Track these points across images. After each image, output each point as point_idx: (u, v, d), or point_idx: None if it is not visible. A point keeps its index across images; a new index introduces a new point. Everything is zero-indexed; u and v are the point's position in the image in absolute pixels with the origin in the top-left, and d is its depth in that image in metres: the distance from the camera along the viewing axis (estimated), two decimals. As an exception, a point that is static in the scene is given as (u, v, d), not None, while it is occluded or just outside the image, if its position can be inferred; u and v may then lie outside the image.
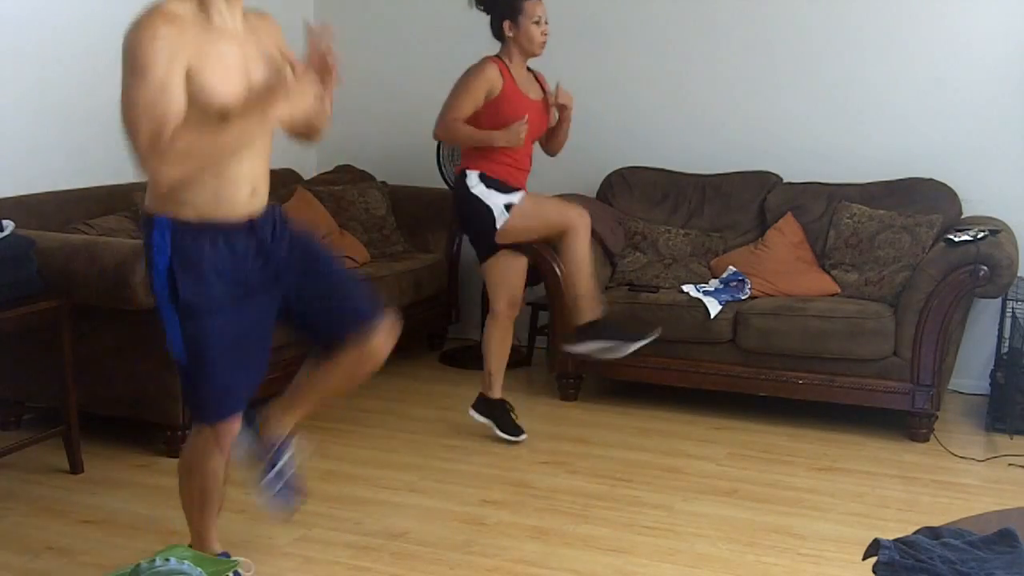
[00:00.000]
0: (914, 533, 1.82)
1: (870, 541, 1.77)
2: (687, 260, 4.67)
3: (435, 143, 5.01)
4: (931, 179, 4.56)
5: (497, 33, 3.83)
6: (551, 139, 4.02)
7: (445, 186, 5.09)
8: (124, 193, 4.24)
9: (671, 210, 4.91)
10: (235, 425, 2.60)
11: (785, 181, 4.82)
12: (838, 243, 4.49)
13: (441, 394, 4.61)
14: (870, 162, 4.73)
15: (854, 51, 4.78)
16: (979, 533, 1.81)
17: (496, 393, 4.00)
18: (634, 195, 4.96)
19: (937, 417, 4.10)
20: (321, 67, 2.38)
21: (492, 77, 3.75)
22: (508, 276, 3.90)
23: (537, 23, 3.78)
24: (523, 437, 3.99)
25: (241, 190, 2.43)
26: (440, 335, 5.41)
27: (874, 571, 1.71)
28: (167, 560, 2.66)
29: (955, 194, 4.52)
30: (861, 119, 4.80)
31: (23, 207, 3.85)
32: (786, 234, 4.59)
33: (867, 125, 4.79)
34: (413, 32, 5.52)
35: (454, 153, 5.00)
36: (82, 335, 3.57)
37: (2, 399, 3.94)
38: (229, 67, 2.33)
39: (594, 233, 4.57)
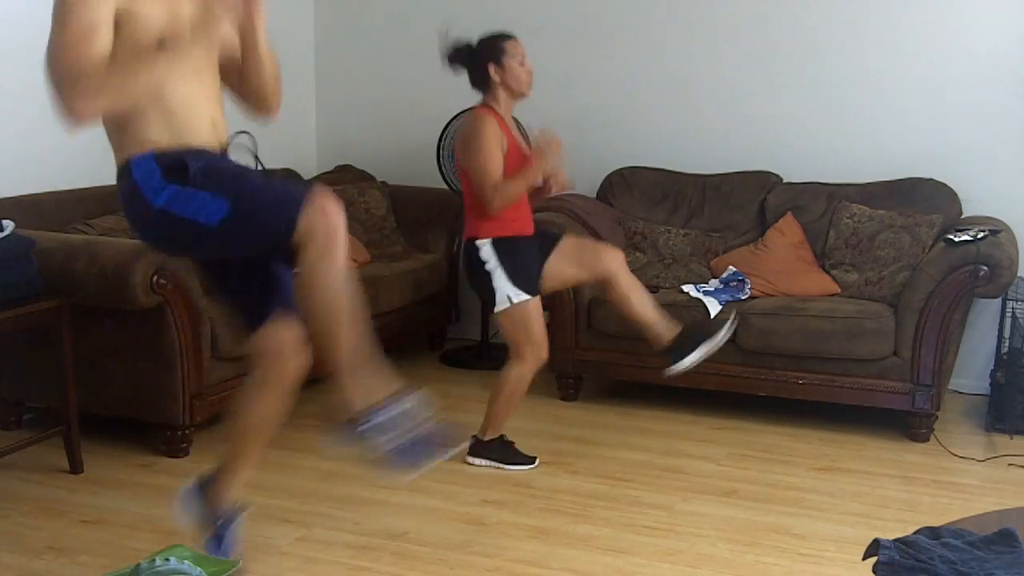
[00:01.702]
0: (914, 533, 1.82)
1: (870, 541, 1.77)
2: (687, 260, 4.67)
3: (435, 143, 5.02)
4: (931, 179, 4.56)
5: (480, 82, 3.65)
6: (535, 196, 3.79)
7: (445, 186, 5.09)
8: (124, 193, 4.23)
9: (671, 210, 4.91)
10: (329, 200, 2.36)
11: (785, 181, 4.82)
12: (838, 243, 4.49)
13: (441, 394, 4.60)
14: (870, 162, 4.73)
15: (854, 51, 4.78)
16: (979, 533, 1.81)
17: (493, 435, 3.78)
18: (634, 195, 4.96)
19: (937, 417, 4.10)
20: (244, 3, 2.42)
21: (497, 133, 3.58)
22: (526, 319, 3.64)
23: (521, 63, 3.62)
24: (537, 463, 3.81)
25: (201, 120, 2.45)
26: (440, 335, 5.42)
27: (874, 571, 1.71)
28: (167, 560, 2.67)
29: (955, 194, 4.52)
30: (861, 119, 4.80)
31: (23, 207, 3.85)
32: (786, 234, 4.59)
33: (867, 125, 4.79)
34: (413, 32, 5.52)
35: (454, 153, 4.99)
36: (82, 335, 3.57)
37: (2, 399, 3.94)
38: (163, 3, 2.36)
39: (594, 233, 4.59)
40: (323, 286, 2.38)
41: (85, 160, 4.34)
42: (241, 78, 2.62)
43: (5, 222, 3.42)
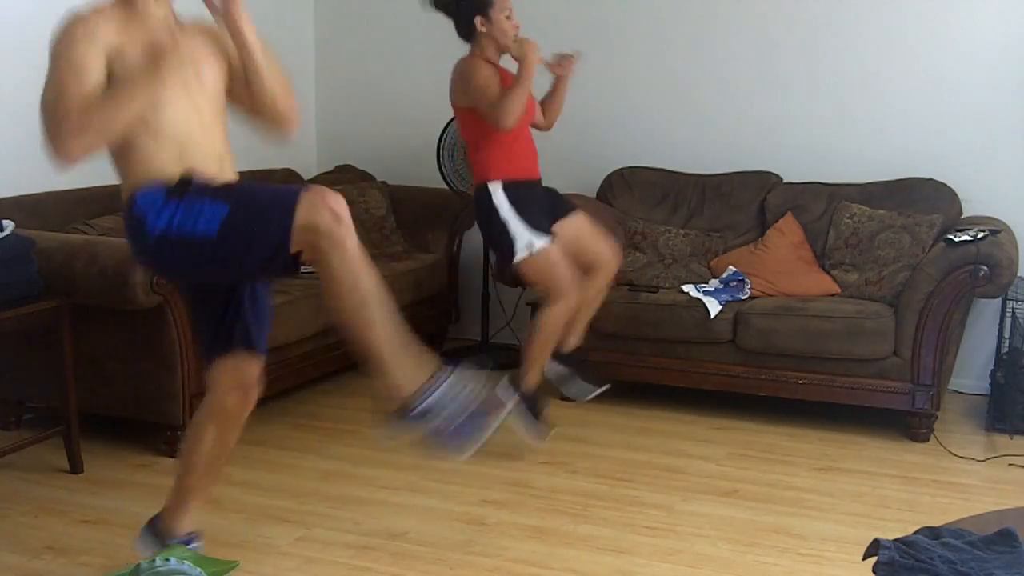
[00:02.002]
0: (914, 533, 1.82)
1: (870, 541, 1.77)
2: (687, 260, 4.67)
3: (435, 143, 5.02)
4: (931, 179, 4.56)
5: (466, 32, 3.69)
6: (547, 111, 3.89)
7: (445, 186, 5.09)
8: (124, 193, 4.23)
9: (671, 210, 4.91)
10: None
11: (785, 181, 4.82)
12: (838, 243, 4.49)
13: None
14: (870, 162, 4.73)
15: (854, 51, 4.78)
16: (979, 533, 1.81)
17: (531, 383, 3.80)
18: (634, 195, 4.96)
19: (937, 417, 4.10)
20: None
21: (487, 67, 3.65)
22: (551, 262, 3.67)
23: (508, 16, 3.66)
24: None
25: (206, 154, 2.47)
26: (440, 335, 5.41)
27: (874, 571, 1.71)
28: (167, 560, 2.66)
29: (955, 194, 4.52)
30: (861, 119, 4.80)
31: (23, 207, 3.85)
32: (786, 234, 4.59)
33: (867, 125, 4.79)
34: (413, 32, 5.52)
35: (454, 154, 5.00)
36: (82, 335, 3.57)
37: (2, 399, 3.94)
38: (155, 46, 2.37)
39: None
40: (342, 277, 2.37)
41: (85, 160, 4.34)
42: (248, 91, 2.59)
43: (5, 222, 3.42)
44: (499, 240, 3.70)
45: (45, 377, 3.57)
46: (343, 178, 5.35)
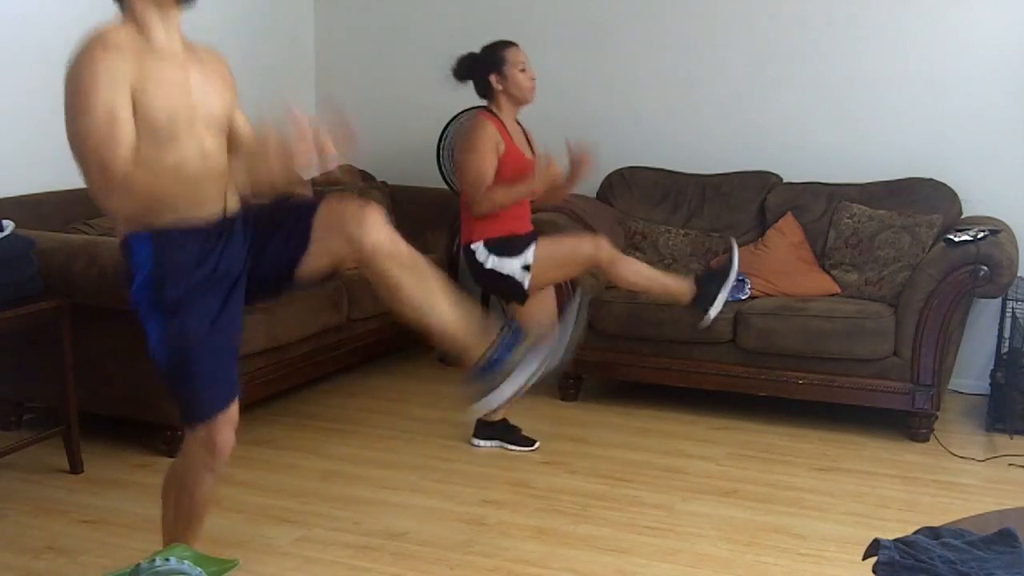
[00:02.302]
0: (914, 533, 1.82)
1: (870, 541, 1.77)
2: (687, 260, 4.67)
3: (435, 143, 5.02)
4: (931, 179, 4.56)
5: (484, 91, 3.71)
6: (555, 193, 3.78)
7: (445, 186, 5.09)
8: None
9: (671, 210, 4.91)
10: (233, 416, 2.47)
11: (785, 181, 4.82)
12: (838, 243, 4.49)
13: (441, 394, 4.61)
14: (870, 162, 4.73)
15: (854, 51, 4.78)
16: (979, 533, 1.81)
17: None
18: (634, 195, 4.96)
19: (937, 417, 4.10)
20: (341, 136, 2.34)
21: (495, 136, 3.63)
22: (549, 256, 3.69)
23: (523, 70, 3.67)
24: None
25: (209, 192, 2.42)
26: (440, 335, 5.40)
27: (874, 571, 1.71)
28: (167, 560, 2.66)
29: (955, 194, 4.52)
30: (861, 119, 4.80)
31: (23, 207, 3.85)
32: (786, 234, 4.59)
33: (867, 125, 4.79)
34: (413, 33, 5.53)
35: (454, 153, 4.99)
36: (82, 335, 3.57)
37: (2, 399, 3.94)
38: (169, 84, 2.31)
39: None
40: (182, 486, 2.53)
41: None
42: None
43: (5, 222, 3.42)
44: (501, 287, 3.73)
45: (45, 377, 3.57)
46: (343, 178, 5.35)
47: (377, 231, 2.42)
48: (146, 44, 2.32)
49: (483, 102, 3.77)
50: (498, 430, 3.93)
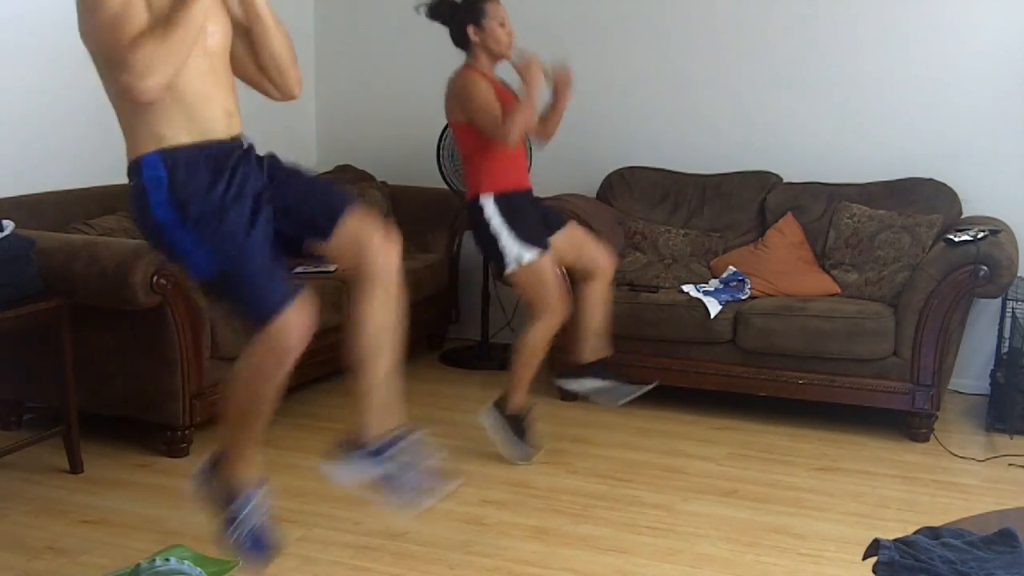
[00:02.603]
0: (914, 533, 1.82)
1: (870, 541, 1.77)
2: (687, 260, 4.67)
3: (435, 143, 5.02)
4: (931, 179, 4.56)
5: (460, 41, 3.69)
6: (545, 124, 3.84)
7: (445, 186, 5.09)
8: (124, 193, 4.22)
9: (671, 210, 4.91)
10: (307, 305, 2.43)
11: (785, 181, 4.82)
12: (838, 243, 4.49)
13: (441, 394, 4.61)
14: (870, 162, 4.73)
15: (854, 51, 4.78)
16: (979, 533, 1.81)
17: (516, 407, 3.79)
18: (634, 195, 4.96)
19: (937, 417, 4.10)
20: None
21: (484, 83, 3.62)
22: (540, 277, 3.67)
23: (502, 24, 3.65)
24: (533, 460, 3.84)
25: (215, 112, 2.44)
26: (440, 335, 5.42)
27: (874, 571, 1.71)
28: (167, 560, 2.67)
29: (955, 194, 4.52)
30: (861, 119, 4.80)
31: (23, 207, 3.85)
32: (786, 234, 4.59)
33: (867, 125, 4.79)
34: (413, 32, 5.52)
35: (454, 153, 5.00)
36: (82, 335, 3.57)
37: (2, 399, 3.94)
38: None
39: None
40: (250, 387, 2.49)
41: (85, 160, 4.35)
42: (254, 55, 2.58)
43: (5, 222, 3.42)
44: (491, 252, 3.71)
45: (45, 377, 3.57)
46: (343, 178, 5.35)
47: (393, 259, 2.52)
48: None
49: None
50: (589, 369, 3.90)
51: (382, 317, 2.53)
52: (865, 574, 1.80)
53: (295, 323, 2.42)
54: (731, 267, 4.51)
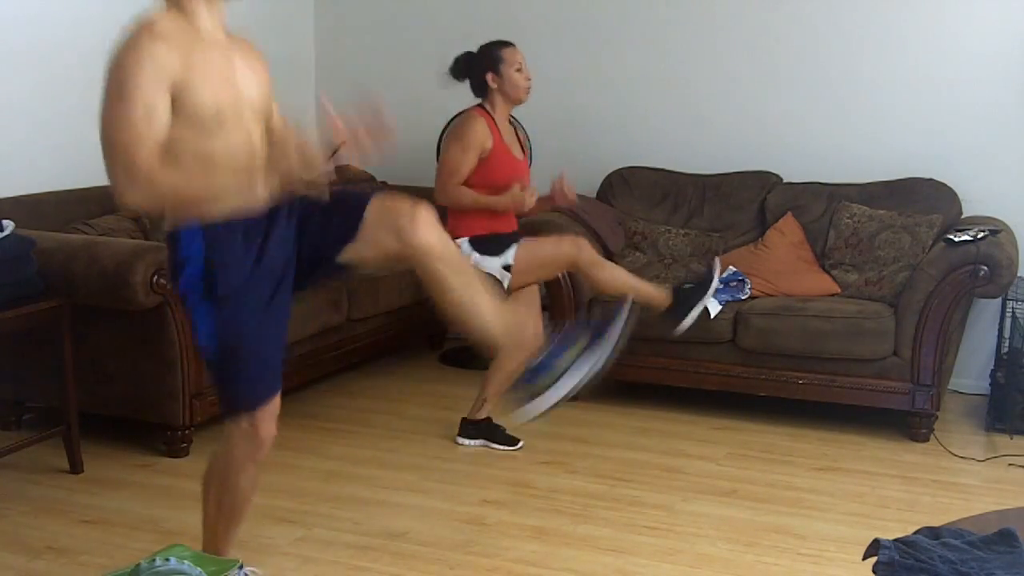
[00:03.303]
0: (914, 533, 1.82)
1: (870, 541, 1.77)
2: (687, 260, 4.67)
3: (435, 143, 5.02)
4: (931, 179, 4.56)
5: (480, 90, 3.76)
6: (521, 213, 3.84)
7: (445, 186, 5.08)
8: (124, 193, 4.23)
9: (671, 210, 4.91)
10: (276, 406, 2.50)
11: (785, 181, 4.82)
12: (838, 243, 4.49)
13: (441, 394, 4.61)
14: (870, 162, 4.73)
15: (854, 51, 4.78)
16: (979, 533, 1.81)
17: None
18: (634, 195, 4.96)
19: (937, 417, 4.10)
20: (377, 129, 2.38)
21: (483, 134, 3.66)
22: (532, 253, 3.70)
23: (519, 70, 3.71)
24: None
25: (257, 186, 2.43)
26: (440, 335, 5.41)
27: (874, 571, 1.71)
28: (167, 560, 2.66)
29: (955, 194, 4.52)
30: (861, 119, 4.80)
31: (23, 207, 3.85)
32: (786, 234, 4.59)
33: (867, 125, 4.79)
34: (413, 32, 5.52)
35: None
36: (82, 335, 3.57)
37: (2, 399, 3.94)
38: (216, 74, 2.31)
39: (594, 233, 4.58)
40: (225, 479, 2.56)
41: (85, 160, 4.33)
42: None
43: (5, 222, 3.41)
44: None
45: (45, 377, 3.57)
46: (343, 178, 5.34)
47: (428, 231, 2.39)
48: (192, 33, 2.31)
49: (478, 101, 3.80)
50: (482, 429, 3.94)
51: (458, 286, 2.45)
52: (865, 574, 1.80)
53: (264, 423, 2.49)
54: (731, 267, 4.51)
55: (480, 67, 3.74)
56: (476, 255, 3.67)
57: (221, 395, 2.55)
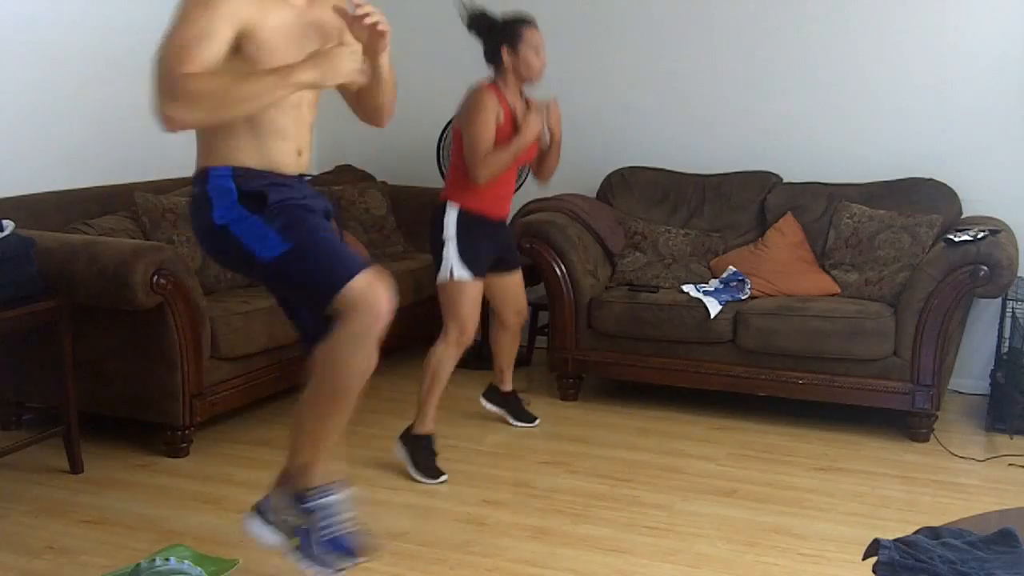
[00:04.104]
0: (914, 533, 1.82)
1: (870, 541, 1.77)
2: (687, 260, 4.67)
3: (435, 143, 5.03)
4: (931, 179, 4.56)
5: (492, 58, 3.69)
6: (542, 165, 3.88)
7: (445, 186, 5.09)
8: (124, 193, 4.24)
9: (671, 210, 4.91)
10: (383, 274, 2.36)
11: (785, 181, 4.82)
12: (838, 243, 4.49)
13: (440, 394, 4.60)
14: (870, 162, 4.74)
15: (854, 51, 4.78)
16: (979, 533, 1.81)
17: (427, 427, 3.73)
18: (634, 195, 4.96)
19: (937, 417, 4.10)
20: (368, 36, 2.38)
21: (494, 107, 3.61)
22: (462, 297, 3.68)
23: (536, 52, 3.66)
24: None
25: (288, 148, 2.45)
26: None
27: (874, 571, 1.71)
28: (167, 560, 2.67)
29: (955, 194, 4.52)
30: (861, 119, 4.80)
31: (23, 207, 3.85)
32: (786, 234, 4.59)
33: (867, 125, 4.79)
34: (413, 33, 5.52)
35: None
36: (82, 335, 3.57)
37: (2, 399, 3.94)
38: (285, 37, 2.34)
39: (594, 233, 4.59)
40: (344, 365, 2.36)
41: (85, 160, 4.35)
42: (358, 97, 2.63)
43: (5, 222, 3.42)
44: (435, 255, 3.71)
45: (45, 377, 3.57)
46: (343, 178, 5.35)
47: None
48: None
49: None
50: (506, 401, 4.16)
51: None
52: (865, 574, 1.80)
53: (376, 282, 2.33)
54: (731, 267, 4.51)
55: (498, 38, 3.66)
56: (452, 234, 3.63)
57: (316, 288, 2.34)
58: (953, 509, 3.35)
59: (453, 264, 3.64)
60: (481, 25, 3.69)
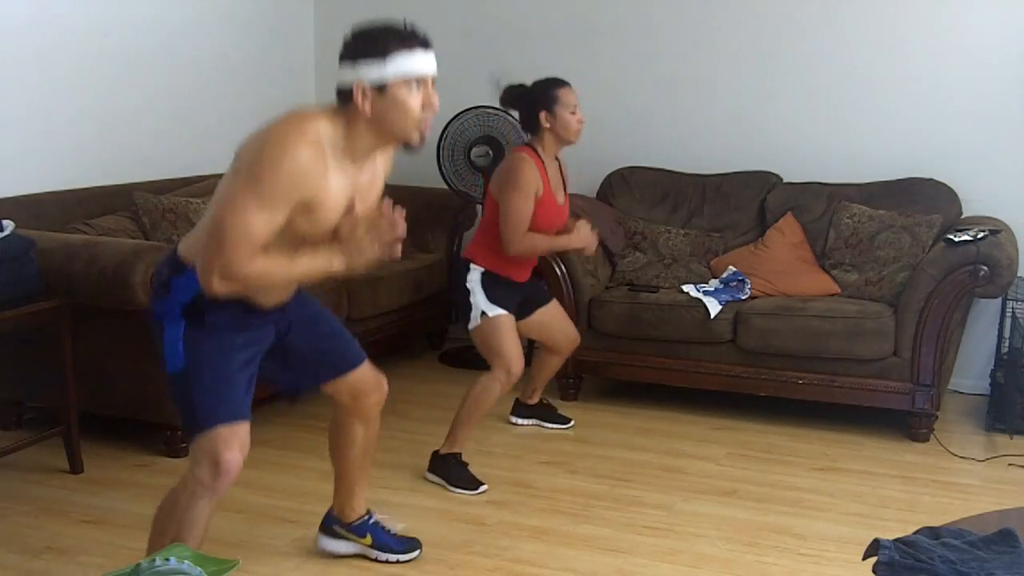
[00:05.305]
0: (914, 533, 1.82)
1: (870, 541, 1.77)
2: (687, 260, 4.67)
3: (436, 143, 5.02)
4: (931, 179, 4.56)
5: (530, 126, 3.66)
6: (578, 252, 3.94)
7: (445, 186, 5.09)
8: (124, 193, 4.24)
9: (671, 210, 4.91)
10: (241, 436, 2.39)
11: (785, 181, 4.82)
12: (838, 243, 4.49)
13: (441, 394, 4.61)
14: (870, 162, 4.73)
15: (854, 51, 4.78)
16: (979, 533, 1.81)
17: (450, 448, 3.66)
18: (634, 195, 4.96)
19: (937, 417, 4.10)
20: (388, 239, 2.44)
21: (535, 182, 3.57)
22: (500, 332, 3.59)
23: (573, 112, 3.62)
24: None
25: (276, 289, 2.46)
26: (440, 335, 5.41)
27: (874, 571, 1.71)
28: (167, 560, 2.65)
29: (955, 194, 4.52)
30: (861, 119, 4.80)
31: (23, 207, 3.85)
32: (786, 234, 4.59)
33: (867, 125, 4.79)
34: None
35: (454, 154, 5.00)
36: (82, 335, 3.57)
37: (2, 399, 3.94)
38: (341, 199, 2.32)
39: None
40: (177, 509, 2.45)
41: (85, 160, 4.35)
42: None
43: (5, 222, 3.42)
44: (461, 306, 3.67)
45: (45, 377, 3.57)
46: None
47: (379, 407, 2.87)
48: (342, 149, 2.31)
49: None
50: (536, 411, 4.19)
51: (366, 440, 2.89)
52: (865, 574, 1.80)
53: (233, 441, 2.37)
54: (731, 267, 4.51)
55: (534, 104, 3.63)
56: (478, 284, 3.60)
57: (183, 412, 2.44)
58: (953, 509, 3.35)
59: (483, 307, 3.58)
60: (516, 97, 3.67)
